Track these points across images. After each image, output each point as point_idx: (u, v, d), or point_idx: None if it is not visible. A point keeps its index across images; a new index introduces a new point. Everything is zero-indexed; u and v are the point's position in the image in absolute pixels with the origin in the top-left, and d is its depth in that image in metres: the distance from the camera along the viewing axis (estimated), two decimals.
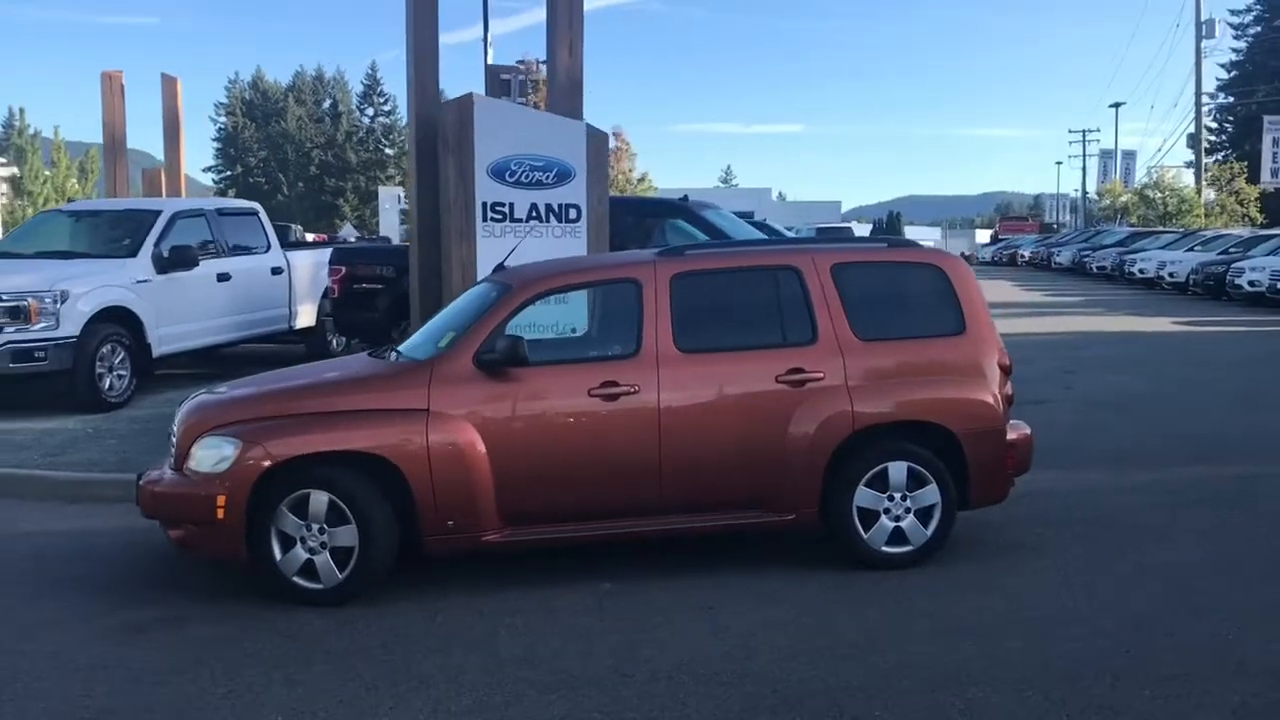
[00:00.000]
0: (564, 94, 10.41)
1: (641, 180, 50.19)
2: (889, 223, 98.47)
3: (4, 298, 10.55)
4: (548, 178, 9.74)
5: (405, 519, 5.71)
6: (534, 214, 9.71)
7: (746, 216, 42.23)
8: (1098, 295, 30.22)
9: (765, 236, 13.33)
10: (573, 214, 9.84)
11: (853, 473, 6.06)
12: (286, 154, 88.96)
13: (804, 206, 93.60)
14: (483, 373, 5.79)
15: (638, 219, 12.07)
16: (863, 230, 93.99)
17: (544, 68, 42.70)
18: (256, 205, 14.32)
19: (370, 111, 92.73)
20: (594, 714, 4.37)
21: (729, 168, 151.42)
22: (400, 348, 6.50)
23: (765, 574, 6.08)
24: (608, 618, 5.47)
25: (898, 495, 6.11)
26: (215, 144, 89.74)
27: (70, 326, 10.76)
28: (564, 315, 6.56)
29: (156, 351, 11.76)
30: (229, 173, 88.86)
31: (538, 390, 5.86)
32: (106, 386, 11.07)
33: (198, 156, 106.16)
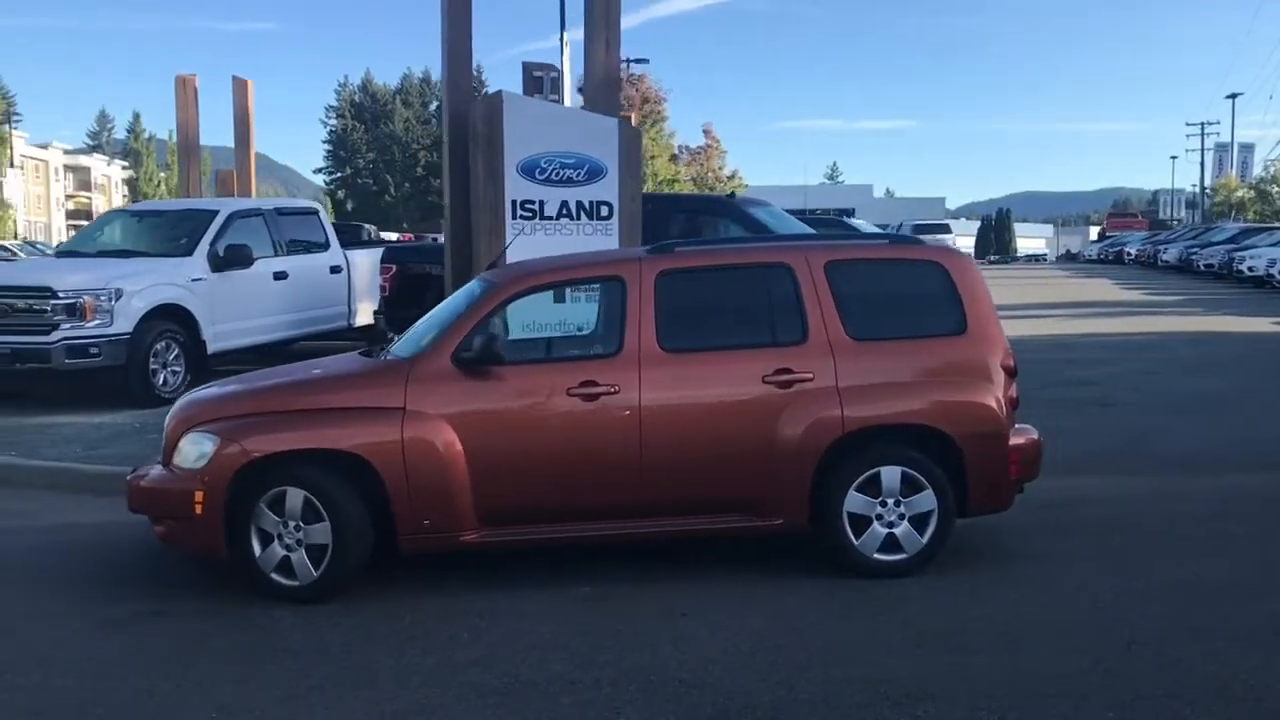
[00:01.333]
0: (601, 90, 10.33)
1: (731, 178, 49.94)
2: (998, 219, 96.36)
3: (61, 295, 10.88)
4: (579, 175, 9.67)
5: (383, 518, 5.69)
6: (564, 212, 9.65)
7: (847, 214, 41.70)
8: (1200, 294, 29.02)
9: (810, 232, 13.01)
10: (604, 211, 9.76)
11: (843, 477, 5.85)
12: (394, 155, 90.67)
13: (907, 204, 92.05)
14: (461, 371, 5.74)
15: (687, 217, 11.94)
16: (969, 228, 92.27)
17: (638, 77, 42.86)
18: (316, 205, 14.56)
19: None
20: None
21: (834, 164, 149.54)
22: (393, 346, 6.49)
23: (752, 580, 5.91)
24: (576, 622, 5.36)
25: (891, 501, 5.88)
26: (326, 146, 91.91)
27: (124, 323, 11.06)
28: (569, 314, 6.49)
29: (211, 348, 12.02)
30: (339, 174, 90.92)
31: (516, 389, 5.79)
32: (160, 382, 11.36)
33: (310, 158, 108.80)
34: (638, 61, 46.49)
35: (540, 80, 10.97)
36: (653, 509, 5.85)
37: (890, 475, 5.87)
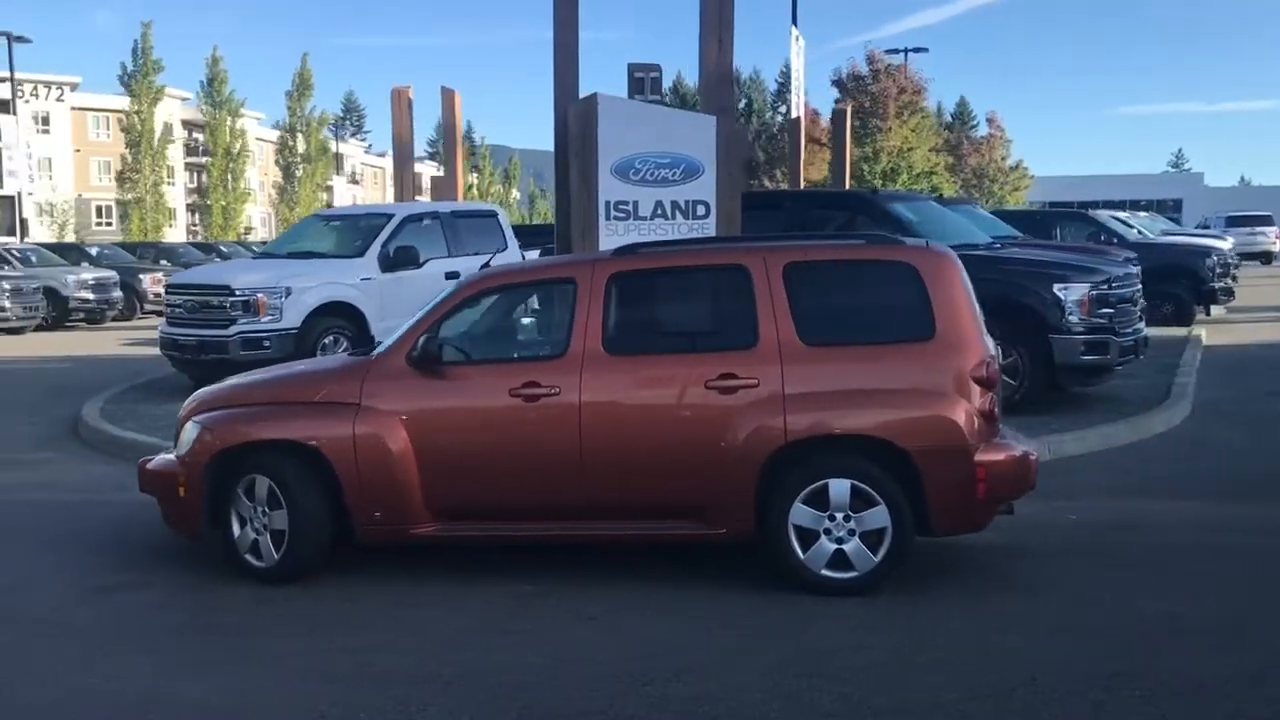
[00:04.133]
0: (713, 86, 10.27)
1: (1015, 169, 47.52)
2: None
3: (237, 293, 12.04)
4: (674, 174, 9.67)
5: (342, 508, 6.00)
6: (659, 212, 9.68)
7: (1176, 204, 38.00)
8: None
9: (977, 230, 12.23)
10: (700, 211, 9.71)
11: (788, 488, 5.60)
12: None
13: (1262, 193, 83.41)
14: (414, 370, 5.95)
15: (823, 214, 11.61)
16: None
17: (896, 68, 41.56)
18: (496, 207, 15.22)
19: (783, 109, 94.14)
20: (360, 710, 4.40)
21: (1179, 151, 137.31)
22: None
23: (695, 588, 5.77)
24: (500, 619, 5.43)
25: (840, 515, 5.57)
26: None
27: (293, 318, 12.08)
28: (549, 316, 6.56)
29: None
30: None
31: (464, 388, 5.94)
32: None
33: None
34: (916, 51, 45.17)
35: (642, 81, 11.02)
36: (596, 512, 5.83)
37: (839, 488, 5.57)
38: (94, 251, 31.90)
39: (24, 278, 25.33)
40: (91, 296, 26.77)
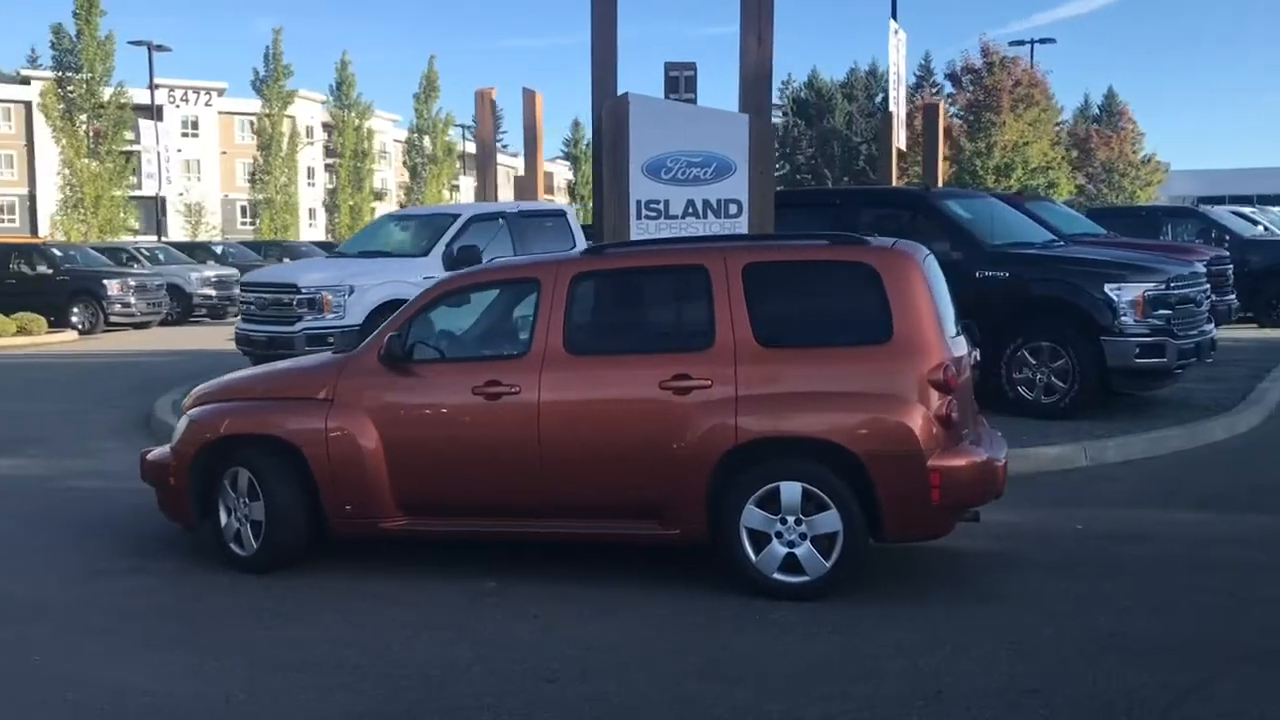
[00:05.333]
0: (752, 85, 10.16)
1: (1147, 162, 45.61)
2: None
3: (303, 291, 12.46)
4: (706, 173, 9.62)
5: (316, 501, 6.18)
6: (690, 210, 9.64)
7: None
8: None
9: (1039, 227, 11.80)
10: (733, 209, 9.64)
11: (741, 490, 5.55)
12: (833, 150, 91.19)
13: None
14: (385, 367, 6.10)
15: (873, 213, 11.40)
16: None
17: (1010, 60, 40.16)
18: (564, 207, 15.38)
19: (918, 101, 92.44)
20: (265, 695, 4.56)
21: None
22: None
23: (655, 589, 5.75)
24: (445, 614, 5.51)
25: (791, 518, 5.50)
26: None
27: (356, 316, 12.42)
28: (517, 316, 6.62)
29: None
30: (782, 170, 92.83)
31: (430, 386, 6.06)
32: None
33: None
34: (1042, 42, 43.80)
35: (676, 80, 10.96)
36: (555, 510, 5.88)
37: (790, 491, 5.49)
38: (219, 250, 33.34)
39: (150, 275, 26.64)
40: (213, 293, 28.04)
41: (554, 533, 5.98)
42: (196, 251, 32.66)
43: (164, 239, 38.30)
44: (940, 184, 19.51)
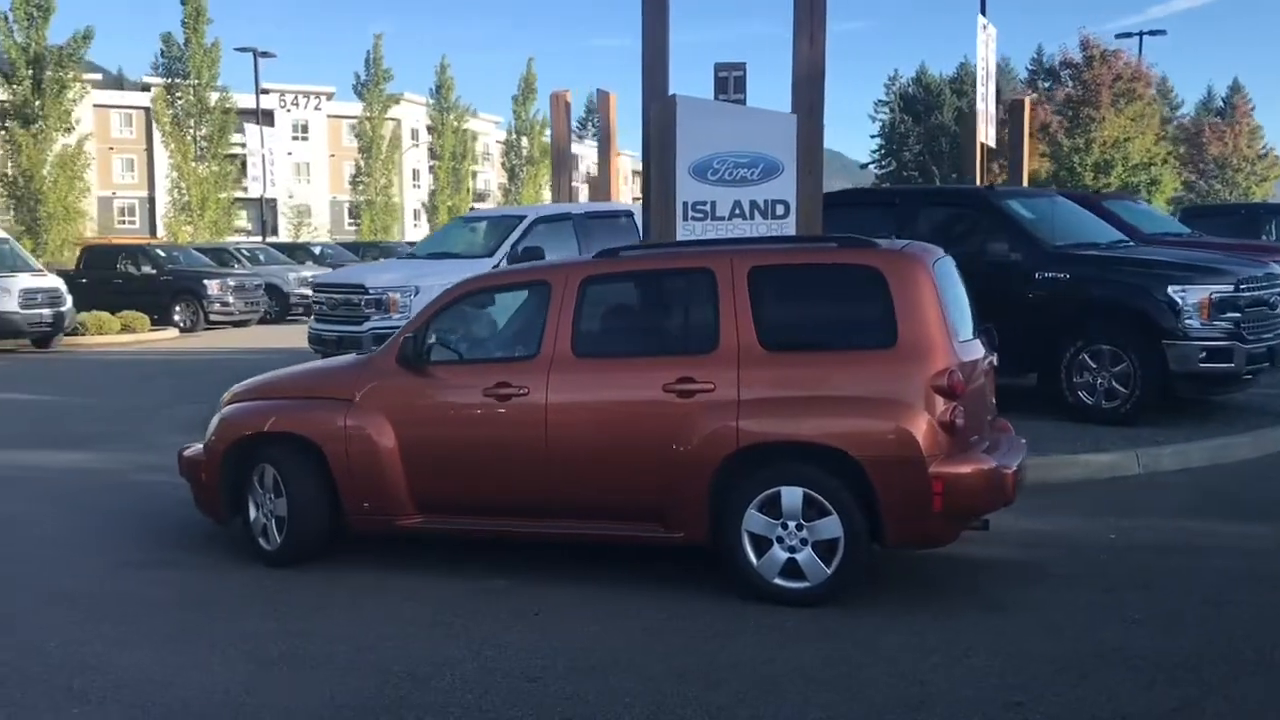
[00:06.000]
0: (804, 85, 10.03)
1: (1264, 156, 43.81)
2: None
3: (370, 292, 12.75)
4: (753, 174, 9.56)
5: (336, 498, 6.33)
6: (737, 212, 9.58)
7: None
8: None
9: (1104, 228, 11.42)
10: (779, 210, 9.56)
11: (743, 494, 5.53)
12: (941, 146, 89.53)
13: None
14: (403, 368, 6.22)
15: (932, 213, 11.21)
16: None
17: (1111, 53, 38.72)
18: (629, 208, 15.39)
19: (1033, 96, 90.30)
20: (255, 689, 4.70)
21: None
22: None
23: (659, 592, 5.74)
24: (448, 613, 5.58)
25: (792, 524, 5.46)
26: (876, 139, 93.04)
27: None
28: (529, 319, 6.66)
29: None
30: (889, 167, 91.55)
31: (444, 387, 6.16)
32: None
33: (862, 150, 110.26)
34: (1152, 34, 42.39)
35: (726, 80, 10.89)
36: (562, 510, 5.94)
37: (791, 496, 5.45)
38: (318, 251, 34.24)
39: (249, 275, 27.51)
40: (310, 293, 28.76)
41: (563, 533, 6.03)
42: (296, 252, 33.61)
43: (269, 240, 39.47)
44: (1027, 183, 19.06)
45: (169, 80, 42.55)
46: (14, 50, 33.48)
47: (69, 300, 22.40)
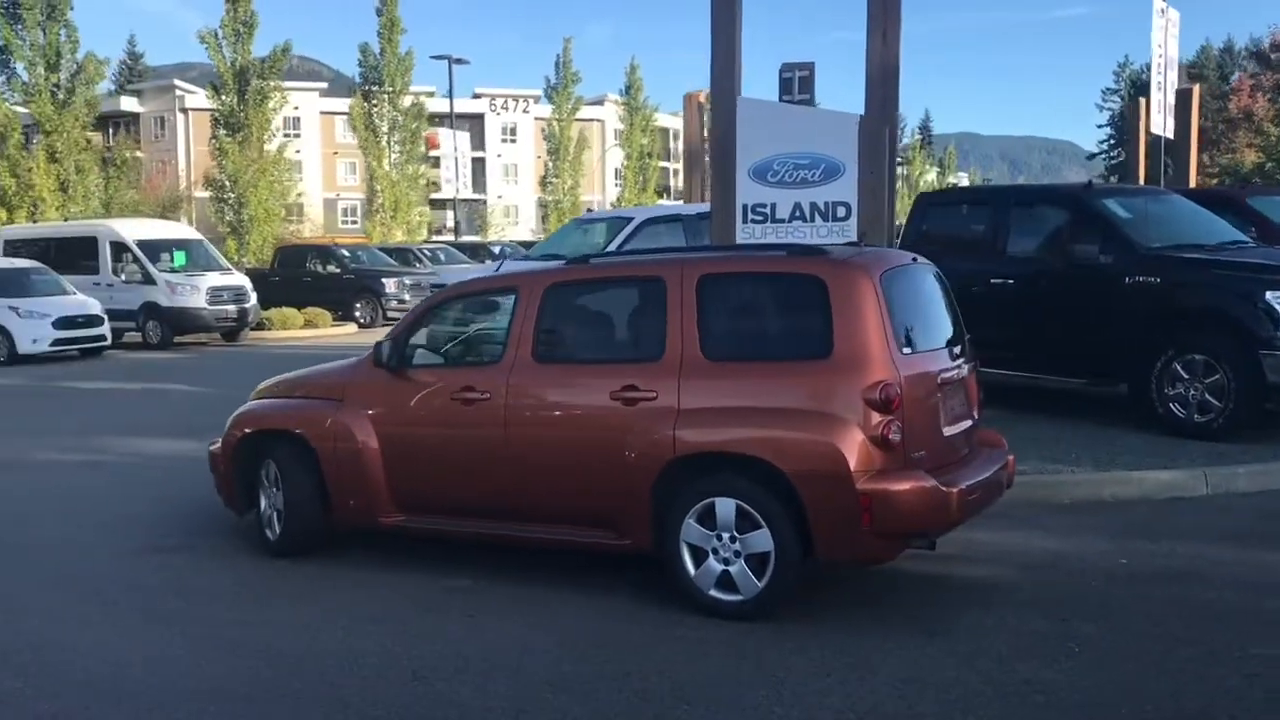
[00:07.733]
0: (877, 83, 9.76)
1: None
2: None
3: None
4: (814, 175, 9.38)
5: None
6: (797, 214, 9.42)
7: None
8: None
9: (1216, 229, 10.51)
10: (841, 212, 9.34)
11: (682, 504, 5.50)
12: None
13: None
14: (386, 371, 6.45)
15: (1022, 212, 10.70)
16: None
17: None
18: None
19: (1234, 82, 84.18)
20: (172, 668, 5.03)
21: None
22: None
23: (628, 598, 5.76)
24: (409, 609, 5.78)
25: (725, 535, 5.39)
26: (1104, 129, 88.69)
27: None
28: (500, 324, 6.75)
29: None
30: (1119, 158, 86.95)
31: (417, 390, 6.35)
32: None
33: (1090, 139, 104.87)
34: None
35: (790, 80, 10.59)
36: (524, 514, 6.03)
37: (725, 507, 5.38)
38: (497, 250, 35.42)
39: (426, 274, 28.75)
40: None
41: (526, 537, 6.12)
42: (479, 252, 34.87)
43: (456, 240, 41.08)
44: (1224, 179, 17.82)
45: (365, 88, 44.87)
46: (222, 64, 36.11)
47: (253, 297, 24.03)
